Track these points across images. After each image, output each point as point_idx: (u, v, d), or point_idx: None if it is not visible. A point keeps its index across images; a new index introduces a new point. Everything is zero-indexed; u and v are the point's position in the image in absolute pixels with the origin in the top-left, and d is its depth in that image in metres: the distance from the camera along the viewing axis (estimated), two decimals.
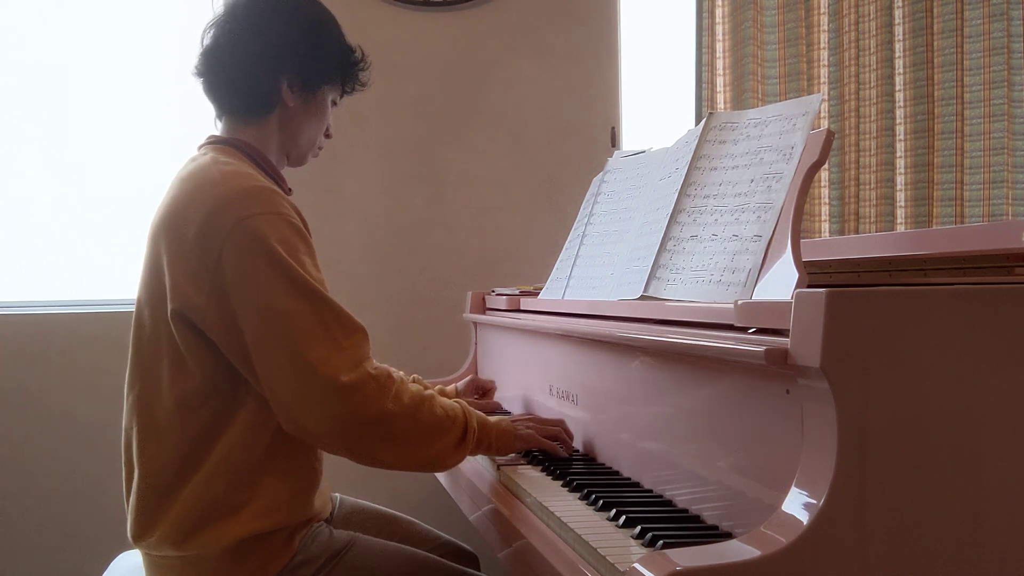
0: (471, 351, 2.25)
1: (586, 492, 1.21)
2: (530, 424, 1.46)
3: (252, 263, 1.22)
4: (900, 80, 2.78)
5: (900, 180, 2.80)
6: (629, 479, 1.29)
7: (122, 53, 2.54)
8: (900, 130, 2.80)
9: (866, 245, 1.57)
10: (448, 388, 1.88)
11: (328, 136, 1.52)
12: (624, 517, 1.07)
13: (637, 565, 0.79)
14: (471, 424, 1.34)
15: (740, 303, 1.00)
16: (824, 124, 2.80)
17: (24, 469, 2.37)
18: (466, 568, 1.50)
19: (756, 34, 2.76)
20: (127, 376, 1.36)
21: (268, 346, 1.22)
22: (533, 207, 2.71)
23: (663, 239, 1.35)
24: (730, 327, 1.02)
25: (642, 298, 1.34)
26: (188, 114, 2.53)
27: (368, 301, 2.59)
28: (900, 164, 2.80)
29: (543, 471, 1.38)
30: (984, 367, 0.84)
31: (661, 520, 1.07)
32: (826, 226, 2.82)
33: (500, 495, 1.34)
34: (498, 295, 2.13)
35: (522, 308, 1.93)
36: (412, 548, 1.48)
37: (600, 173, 1.83)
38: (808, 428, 0.85)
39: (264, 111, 1.41)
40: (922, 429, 0.83)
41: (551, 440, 1.45)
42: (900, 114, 2.79)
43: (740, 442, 1.00)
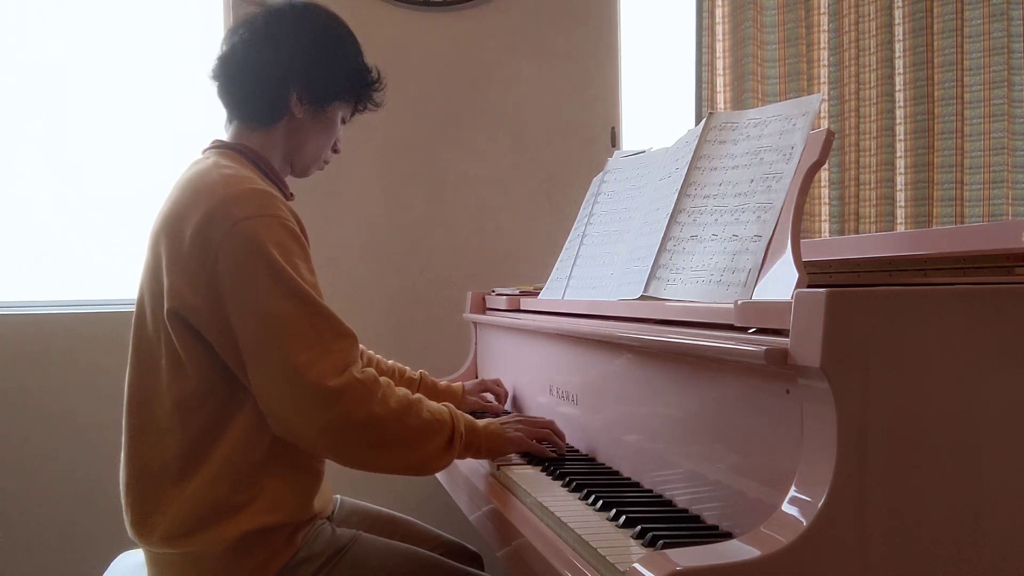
0: (471, 351, 2.25)
1: (586, 492, 1.21)
2: (519, 427, 1.46)
3: (246, 265, 1.23)
4: (900, 80, 2.79)
5: (900, 180, 2.80)
6: (629, 479, 1.29)
7: (122, 53, 2.54)
8: (900, 130, 2.80)
9: (866, 245, 1.57)
10: (455, 385, 1.88)
11: (336, 151, 1.54)
12: (624, 517, 1.07)
13: (637, 565, 0.79)
14: (459, 428, 1.34)
15: (740, 303, 1.00)
16: (824, 124, 2.80)
17: (24, 469, 2.37)
18: (469, 568, 1.50)
19: (756, 34, 2.76)
20: (127, 376, 1.36)
21: (258, 348, 1.23)
22: (533, 207, 2.71)
23: (663, 239, 1.35)
24: (730, 327, 1.02)
25: (642, 298, 1.34)
26: (188, 114, 2.53)
27: (368, 301, 2.59)
28: (900, 164, 2.80)
29: (543, 471, 1.38)
30: (984, 367, 0.84)
31: (661, 520, 1.07)
32: (826, 226, 2.82)
33: (500, 495, 1.34)
34: (498, 295, 2.13)
35: (522, 308, 1.93)
36: (414, 547, 1.48)
37: (600, 173, 1.83)
38: (808, 428, 0.85)
39: (271, 119, 1.43)
40: (922, 429, 0.83)
41: (541, 441, 1.45)
42: (900, 114, 2.79)
43: (740, 442, 1.00)
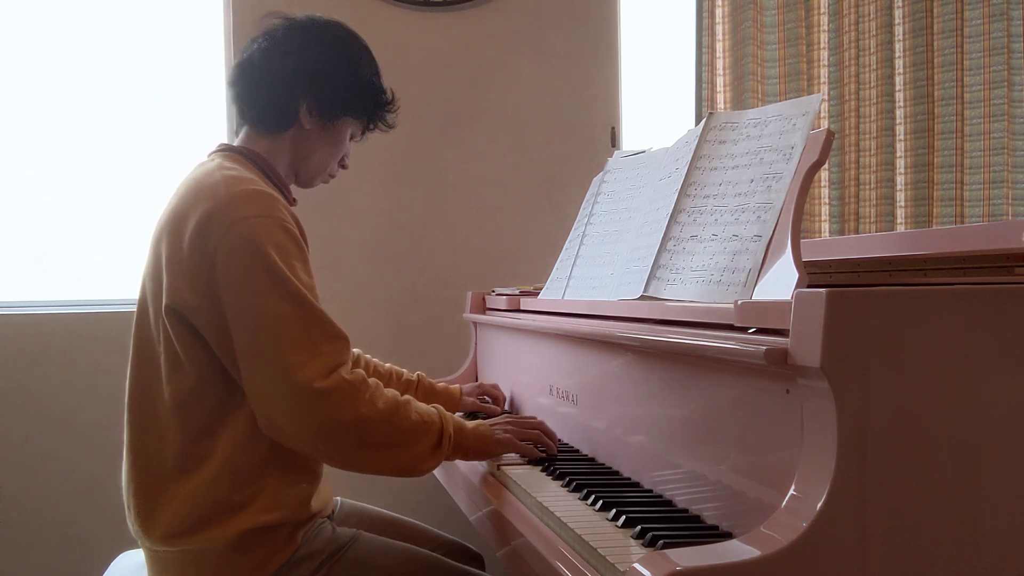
0: (471, 351, 2.25)
1: (586, 492, 1.21)
2: (508, 428, 1.46)
3: (243, 265, 1.24)
4: (900, 80, 2.78)
5: (900, 180, 2.80)
6: (629, 479, 1.29)
7: (122, 54, 2.54)
8: (900, 130, 2.80)
9: (866, 245, 1.57)
10: (453, 388, 1.88)
11: (343, 167, 1.56)
12: (624, 517, 1.07)
13: (637, 565, 0.79)
14: (447, 430, 1.34)
15: (740, 303, 1.00)
16: (824, 124, 2.80)
17: (24, 469, 2.37)
18: (469, 567, 1.50)
19: (756, 34, 2.76)
20: (128, 374, 1.37)
21: (251, 348, 1.24)
22: (533, 207, 2.71)
23: (663, 239, 1.35)
24: (730, 327, 1.02)
25: (642, 298, 1.34)
26: (189, 115, 2.54)
27: (368, 301, 2.59)
28: (900, 164, 2.80)
29: (542, 471, 1.38)
30: (984, 367, 0.84)
31: (661, 520, 1.07)
32: (826, 226, 2.82)
33: (499, 495, 1.34)
34: (498, 295, 2.13)
35: (522, 308, 1.93)
36: (415, 546, 1.48)
37: (600, 173, 1.83)
38: (808, 428, 0.85)
39: (280, 127, 1.45)
40: (922, 429, 0.83)
41: (530, 442, 1.45)
42: (900, 114, 2.79)
43: (740, 442, 1.00)
